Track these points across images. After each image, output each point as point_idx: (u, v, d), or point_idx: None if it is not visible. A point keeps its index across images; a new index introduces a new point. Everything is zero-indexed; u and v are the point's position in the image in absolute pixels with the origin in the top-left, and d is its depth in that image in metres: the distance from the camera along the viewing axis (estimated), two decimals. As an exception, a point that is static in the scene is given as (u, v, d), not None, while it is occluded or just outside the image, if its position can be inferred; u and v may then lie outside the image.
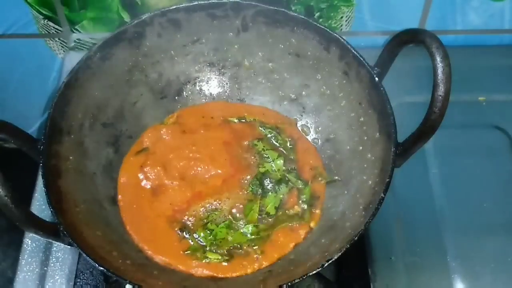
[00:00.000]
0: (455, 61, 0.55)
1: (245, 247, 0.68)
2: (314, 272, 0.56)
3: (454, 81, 0.54)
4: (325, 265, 0.56)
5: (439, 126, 0.56)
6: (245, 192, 0.71)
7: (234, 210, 0.70)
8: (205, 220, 0.70)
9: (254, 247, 0.68)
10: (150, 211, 0.70)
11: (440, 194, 0.76)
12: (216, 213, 0.70)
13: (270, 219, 0.70)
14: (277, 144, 0.76)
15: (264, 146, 0.75)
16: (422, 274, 0.71)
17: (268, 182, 0.72)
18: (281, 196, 0.71)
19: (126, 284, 0.60)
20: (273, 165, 0.73)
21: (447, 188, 0.77)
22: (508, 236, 0.73)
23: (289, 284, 0.57)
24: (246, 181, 0.72)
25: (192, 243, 0.68)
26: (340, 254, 0.57)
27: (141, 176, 0.72)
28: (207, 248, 0.68)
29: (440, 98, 0.54)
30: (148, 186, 0.72)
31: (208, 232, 0.68)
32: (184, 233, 0.69)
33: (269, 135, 0.76)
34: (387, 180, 0.60)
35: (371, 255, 0.71)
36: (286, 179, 0.72)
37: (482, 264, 0.71)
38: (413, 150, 0.60)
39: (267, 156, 0.74)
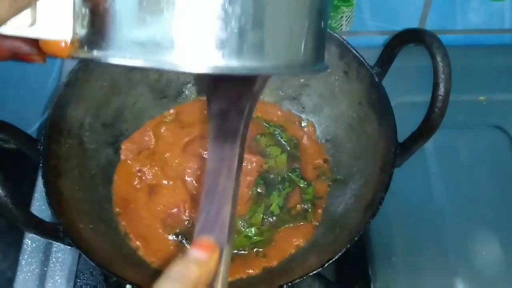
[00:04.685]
0: (455, 60, 0.55)
1: (247, 249, 0.68)
2: (314, 272, 0.56)
3: (454, 80, 0.54)
4: (325, 265, 0.56)
5: (439, 125, 0.56)
6: (249, 193, 0.71)
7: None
8: (205, 220, 0.69)
9: (257, 249, 0.67)
10: (146, 212, 0.69)
11: (440, 194, 0.76)
12: (216, 213, 0.70)
13: (273, 220, 0.70)
14: (283, 142, 0.75)
15: (267, 142, 0.74)
16: (422, 274, 0.70)
17: (272, 180, 0.72)
18: (284, 195, 0.71)
19: (126, 284, 0.60)
20: (276, 161, 0.73)
21: (447, 188, 0.76)
22: (508, 236, 0.73)
23: (289, 284, 0.57)
24: (249, 182, 0.71)
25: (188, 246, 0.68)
26: (340, 254, 0.57)
27: (138, 175, 0.72)
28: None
29: (440, 98, 0.54)
30: (145, 186, 0.71)
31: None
32: (180, 237, 0.68)
33: (273, 132, 0.76)
34: (387, 180, 0.60)
35: (371, 255, 0.71)
36: (287, 176, 0.72)
37: (482, 264, 0.71)
38: (413, 150, 0.60)
39: (270, 152, 0.74)
